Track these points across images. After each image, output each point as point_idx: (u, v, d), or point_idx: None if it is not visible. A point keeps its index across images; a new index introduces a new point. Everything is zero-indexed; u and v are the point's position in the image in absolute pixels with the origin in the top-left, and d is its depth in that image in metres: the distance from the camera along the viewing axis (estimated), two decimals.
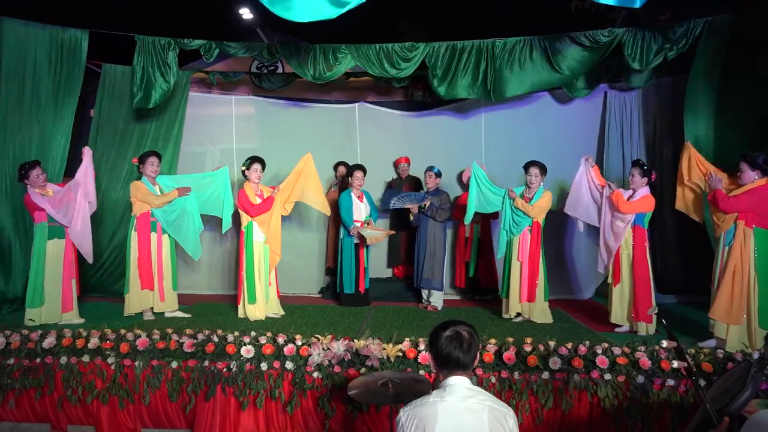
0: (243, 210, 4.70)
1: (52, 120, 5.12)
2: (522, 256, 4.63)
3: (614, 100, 5.85)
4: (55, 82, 5.12)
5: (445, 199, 5.37)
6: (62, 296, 4.40)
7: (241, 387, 3.35)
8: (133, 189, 4.53)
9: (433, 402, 1.74)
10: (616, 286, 4.32)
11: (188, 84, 5.91)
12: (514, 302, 4.64)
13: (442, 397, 1.74)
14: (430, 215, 5.28)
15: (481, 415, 1.69)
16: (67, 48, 5.16)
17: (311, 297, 6.00)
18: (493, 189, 4.89)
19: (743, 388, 2.04)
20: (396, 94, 6.60)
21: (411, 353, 3.33)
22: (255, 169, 4.79)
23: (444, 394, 1.75)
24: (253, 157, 4.84)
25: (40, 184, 4.32)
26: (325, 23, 3.72)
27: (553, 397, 3.22)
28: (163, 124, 5.79)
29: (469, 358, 1.81)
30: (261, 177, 4.86)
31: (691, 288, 5.33)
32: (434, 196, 5.33)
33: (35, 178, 4.29)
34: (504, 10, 5.99)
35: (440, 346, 1.83)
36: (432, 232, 5.31)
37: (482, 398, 1.75)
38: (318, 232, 6.24)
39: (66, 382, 3.47)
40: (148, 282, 4.54)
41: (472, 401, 1.73)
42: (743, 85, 4.52)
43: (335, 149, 6.23)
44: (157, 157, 4.70)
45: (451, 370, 1.81)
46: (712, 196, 3.86)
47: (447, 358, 1.81)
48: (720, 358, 3.23)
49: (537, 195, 4.63)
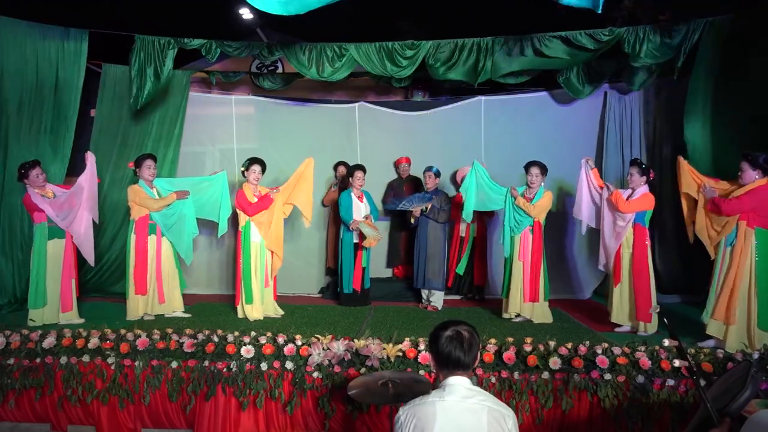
0: (241, 209, 4.70)
1: (55, 121, 5.12)
2: (523, 255, 4.63)
3: (614, 101, 5.84)
4: (57, 81, 5.12)
5: (445, 199, 5.37)
6: (61, 296, 4.39)
7: (241, 387, 3.35)
8: (131, 193, 4.52)
9: (432, 402, 1.73)
10: (617, 286, 4.32)
11: (188, 84, 5.92)
12: (515, 302, 4.64)
13: (442, 397, 1.74)
14: (432, 217, 5.28)
15: (480, 416, 1.69)
16: (68, 47, 5.16)
17: (311, 297, 6.00)
18: (495, 187, 4.88)
19: (743, 388, 2.04)
20: (396, 94, 6.61)
21: (411, 353, 3.33)
22: (254, 170, 4.79)
23: (443, 394, 1.75)
24: (252, 159, 4.85)
25: (39, 184, 4.31)
26: (324, 23, 3.72)
27: (553, 397, 3.22)
28: (165, 125, 5.79)
29: (469, 359, 1.81)
30: (259, 178, 4.86)
31: (691, 288, 5.32)
32: (434, 198, 5.33)
33: (35, 178, 4.28)
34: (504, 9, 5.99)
35: (440, 346, 1.82)
36: (433, 233, 5.31)
37: (482, 398, 1.74)
38: (318, 232, 6.24)
39: (66, 382, 3.47)
40: (141, 287, 4.53)
41: (471, 401, 1.72)
42: (742, 85, 4.51)
43: (335, 149, 6.23)
44: (153, 160, 4.68)
45: (451, 369, 1.81)
46: (711, 204, 3.84)
47: (447, 358, 1.80)
48: (720, 358, 3.23)
49: (538, 195, 4.63)
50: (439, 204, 5.29)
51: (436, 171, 5.42)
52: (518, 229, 4.67)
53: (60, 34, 5.15)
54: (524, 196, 4.68)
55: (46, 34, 5.10)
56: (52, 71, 5.11)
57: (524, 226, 4.65)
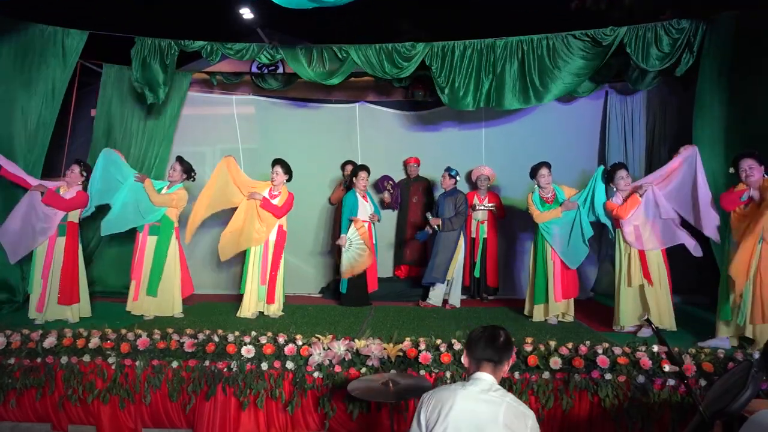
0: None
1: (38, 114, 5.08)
2: (555, 254, 4.53)
3: (616, 100, 5.84)
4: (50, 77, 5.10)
5: (461, 200, 5.26)
6: (60, 292, 4.39)
7: (242, 387, 3.36)
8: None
9: (455, 389, 1.81)
10: (629, 287, 4.17)
11: (188, 85, 5.94)
12: (554, 304, 4.51)
13: (464, 386, 1.81)
14: (447, 230, 5.19)
15: (497, 408, 1.72)
16: (61, 46, 5.14)
17: (311, 297, 6.00)
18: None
19: (744, 388, 2.04)
20: (396, 94, 6.60)
21: (411, 353, 3.33)
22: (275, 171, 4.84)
23: (467, 384, 1.82)
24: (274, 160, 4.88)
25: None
26: (325, 23, 3.73)
27: (554, 397, 3.21)
28: (165, 125, 5.82)
29: (500, 355, 1.87)
30: (274, 179, 4.84)
31: (693, 288, 5.31)
32: (449, 197, 5.30)
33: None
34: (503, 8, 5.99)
35: (473, 337, 1.92)
36: (446, 234, 5.23)
37: (503, 394, 1.79)
38: (318, 232, 6.24)
39: (67, 381, 3.48)
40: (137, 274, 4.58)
41: (492, 394, 1.77)
42: (752, 83, 4.42)
43: (335, 149, 6.24)
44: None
45: (479, 361, 1.87)
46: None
47: (481, 354, 1.86)
48: (721, 358, 3.23)
49: (560, 194, 4.58)
50: (455, 208, 5.21)
51: (453, 173, 5.39)
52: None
53: (55, 34, 5.11)
54: (542, 198, 4.62)
55: (42, 32, 5.07)
56: (44, 68, 5.07)
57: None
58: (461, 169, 5.86)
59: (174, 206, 4.63)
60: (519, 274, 5.95)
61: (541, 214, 4.54)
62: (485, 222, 5.68)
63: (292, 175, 4.93)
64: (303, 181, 6.15)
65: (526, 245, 5.73)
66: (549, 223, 4.53)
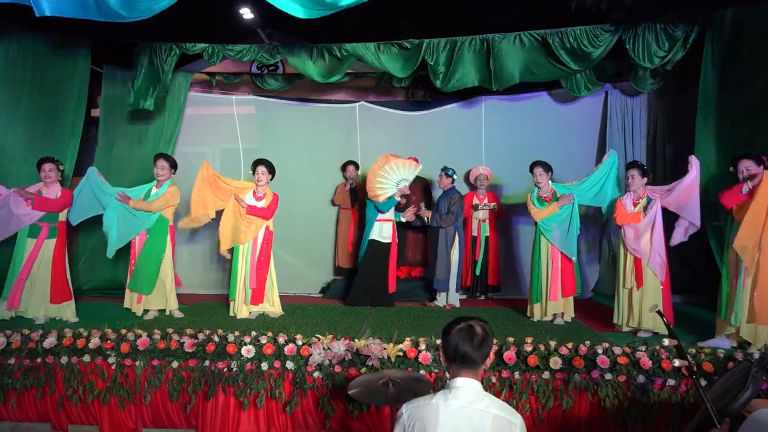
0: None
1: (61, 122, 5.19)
2: (554, 254, 4.57)
3: (616, 100, 5.85)
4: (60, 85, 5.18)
5: (454, 200, 5.25)
6: (52, 292, 4.41)
7: (242, 387, 3.36)
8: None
9: (436, 404, 1.68)
10: (639, 289, 4.13)
11: (188, 86, 5.95)
12: (550, 302, 4.55)
13: (446, 400, 1.68)
14: (436, 225, 5.23)
15: (483, 423, 1.63)
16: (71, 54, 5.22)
17: (312, 297, 6.00)
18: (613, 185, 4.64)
19: (744, 388, 2.04)
20: (396, 94, 6.61)
21: (411, 353, 3.33)
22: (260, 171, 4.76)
23: (449, 396, 1.69)
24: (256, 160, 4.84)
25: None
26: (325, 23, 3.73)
27: (554, 397, 3.22)
28: (166, 126, 5.83)
29: (477, 355, 1.73)
30: (261, 179, 4.77)
31: (692, 288, 5.31)
32: (445, 196, 5.30)
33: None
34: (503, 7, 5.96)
35: (450, 338, 1.76)
36: (443, 233, 5.26)
37: (488, 404, 1.67)
38: (318, 232, 6.24)
39: (67, 381, 3.47)
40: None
41: (476, 407, 1.66)
42: (753, 81, 4.40)
43: (335, 149, 6.24)
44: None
45: (459, 365, 1.74)
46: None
47: (455, 351, 1.73)
48: (721, 358, 3.23)
49: (560, 190, 4.64)
50: (447, 206, 5.22)
51: (450, 172, 5.39)
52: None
53: (62, 41, 5.19)
54: (540, 197, 4.67)
55: (49, 40, 5.15)
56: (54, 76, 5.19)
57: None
58: (461, 169, 5.86)
59: (171, 204, 4.65)
60: (521, 274, 5.96)
61: (539, 212, 4.60)
62: (487, 221, 5.73)
63: (275, 173, 4.87)
64: (303, 181, 6.16)
65: (528, 245, 5.73)
66: (548, 220, 4.58)
